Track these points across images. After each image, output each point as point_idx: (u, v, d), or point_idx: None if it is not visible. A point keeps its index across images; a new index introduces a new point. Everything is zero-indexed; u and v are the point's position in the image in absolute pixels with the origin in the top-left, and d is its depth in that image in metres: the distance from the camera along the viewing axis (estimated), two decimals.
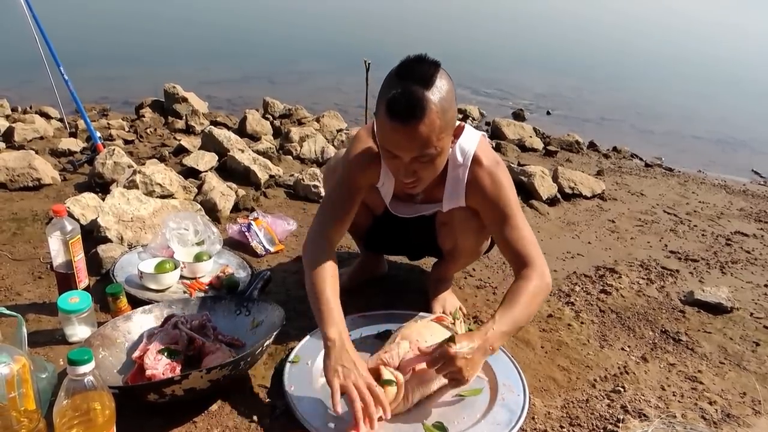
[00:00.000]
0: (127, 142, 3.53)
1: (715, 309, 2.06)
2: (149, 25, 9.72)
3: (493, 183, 1.50)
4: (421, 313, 1.74)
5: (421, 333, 1.45)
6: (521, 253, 1.48)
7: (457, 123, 1.39)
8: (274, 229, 2.28)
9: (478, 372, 1.40)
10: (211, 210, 2.46)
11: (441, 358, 1.26)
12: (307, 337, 1.61)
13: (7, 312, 1.37)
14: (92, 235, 2.08)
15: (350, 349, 1.31)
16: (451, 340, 1.27)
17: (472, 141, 1.52)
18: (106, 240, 2.06)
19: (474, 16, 15.56)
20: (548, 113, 6.19)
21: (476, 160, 1.50)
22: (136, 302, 1.71)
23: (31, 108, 4.15)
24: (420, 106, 1.23)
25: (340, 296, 1.43)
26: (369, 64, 3.58)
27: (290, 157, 3.40)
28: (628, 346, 1.79)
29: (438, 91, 1.26)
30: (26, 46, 3.22)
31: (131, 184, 2.47)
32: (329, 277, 1.43)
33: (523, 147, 4.29)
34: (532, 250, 1.49)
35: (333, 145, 3.63)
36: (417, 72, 1.26)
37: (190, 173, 2.91)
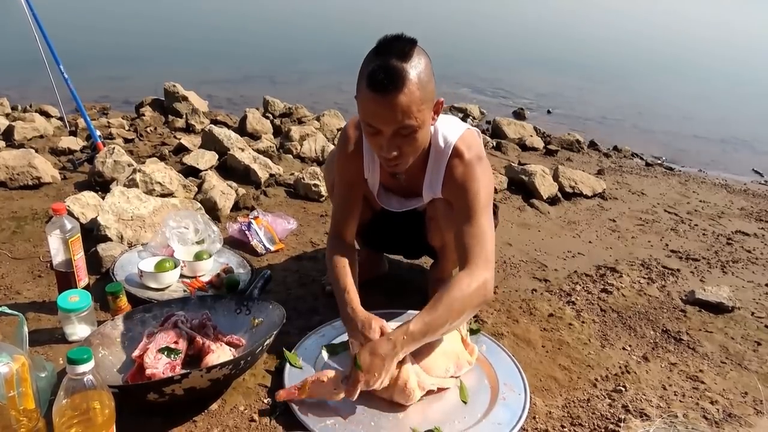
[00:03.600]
0: (127, 140, 3.53)
1: (717, 308, 2.05)
2: (150, 24, 9.71)
3: (466, 175, 1.49)
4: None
5: None
6: (468, 252, 1.43)
7: (437, 99, 1.41)
8: (275, 228, 2.27)
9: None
10: (212, 209, 2.45)
11: (355, 386, 1.28)
12: (308, 336, 1.61)
13: (9, 311, 1.36)
14: (92, 234, 2.07)
15: (361, 320, 1.43)
16: (357, 366, 1.28)
17: (455, 131, 1.54)
18: (105, 239, 2.06)
19: (475, 16, 15.55)
20: (549, 112, 6.18)
21: (457, 152, 1.51)
22: (136, 301, 1.71)
23: (31, 107, 4.14)
24: (399, 77, 1.27)
25: None
26: None
27: (290, 156, 3.39)
28: (629, 346, 1.78)
29: (416, 65, 1.30)
30: (26, 45, 3.21)
31: (131, 183, 2.46)
32: (344, 268, 1.57)
33: (523, 146, 4.29)
34: (481, 254, 1.43)
35: (333, 144, 3.63)
36: (395, 48, 1.30)
37: (191, 172, 2.90)
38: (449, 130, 1.54)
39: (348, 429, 1.27)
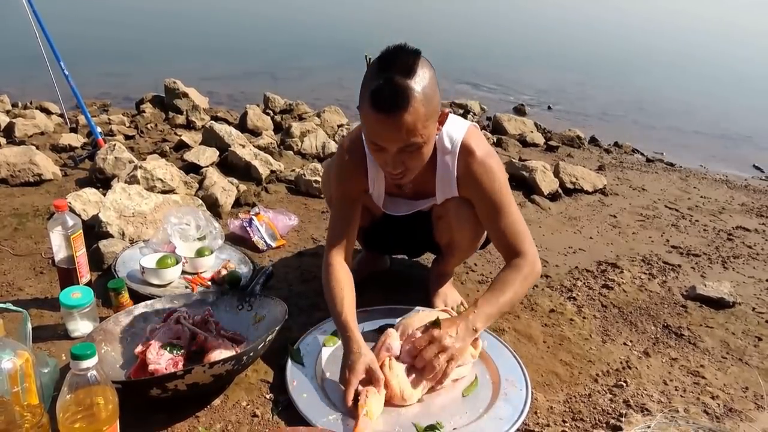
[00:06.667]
0: (127, 137, 3.53)
1: (717, 304, 2.06)
2: (150, 20, 9.69)
3: (486, 174, 1.50)
4: (424, 308, 1.73)
5: (423, 321, 1.46)
6: (513, 245, 1.53)
7: (442, 110, 1.39)
8: (276, 225, 2.27)
9: (466, 355, 1.44)
10: (213, 205, 2.46)
11: (429, 339, 1.36)
12: (309, 332, 1.61)
13: (13, 308, 1.37)
14: (94, 231, 2.08)
15: (357, 348, 1.36)
16: (436, 324, 1.37)
17: (459, 128, 1.53)
18: (107, 235, 2.06)
19: (475, 12, 15.51)
20: (549, 108, 6.17)
21: (467, 150, 1.50)
22: (137, 297, 1.71)
23: (31, 103, 4.14)
24: (404, 96, 1.24)
25: None
26: (370, 59, 3.56)
27: (291, 152, 3.39)
28: (630, 341, 1.79)
29: (421, 80, 1.26)
30: (27, 41, 3.21)
31: (132, 180, 2.47)
32: (341, 290, 1.50)
33: (524, 142, 4.29)
34: (525, 243, 1.53)
35: (334, 140, 3.63)
36: (398, 62, 1.27)
37: (191, 168, 2.90)
38: (453, 128, 1.52)
39: (350, 424, 1.28)
